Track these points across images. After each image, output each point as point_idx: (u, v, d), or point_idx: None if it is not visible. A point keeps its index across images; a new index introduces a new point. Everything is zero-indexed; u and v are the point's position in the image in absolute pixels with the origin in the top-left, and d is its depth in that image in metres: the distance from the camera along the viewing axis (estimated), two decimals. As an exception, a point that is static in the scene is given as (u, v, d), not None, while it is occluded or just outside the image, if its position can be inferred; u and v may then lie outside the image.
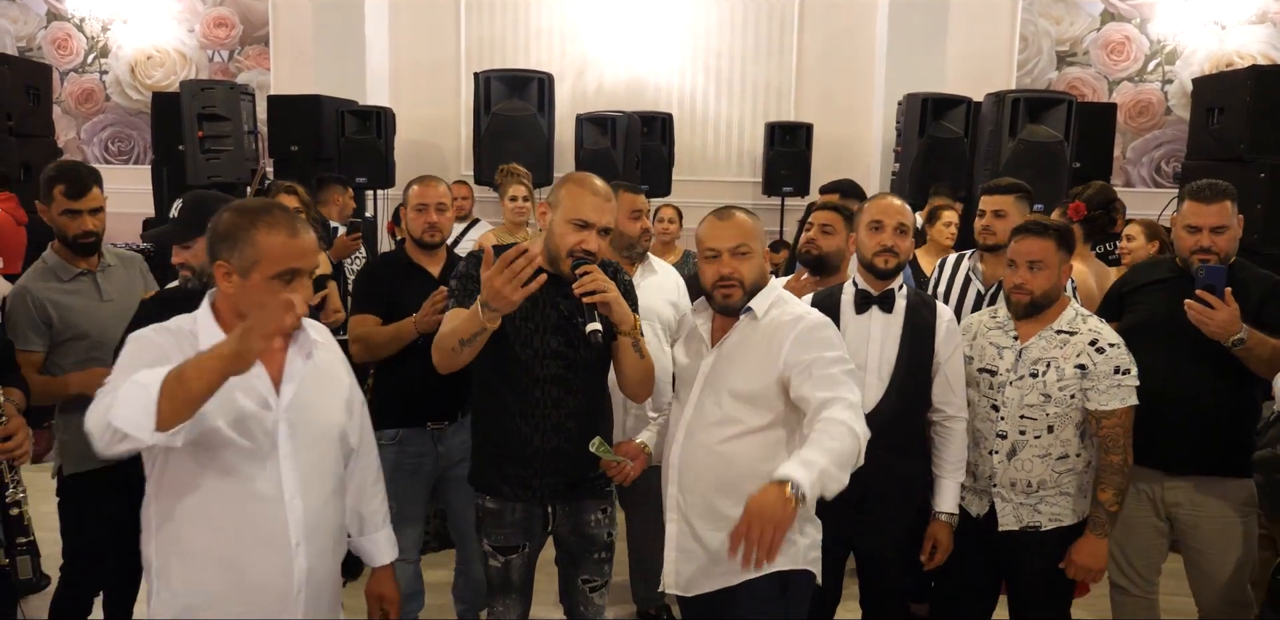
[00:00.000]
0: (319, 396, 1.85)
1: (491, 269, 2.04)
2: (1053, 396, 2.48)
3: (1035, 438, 2.51)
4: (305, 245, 1.75)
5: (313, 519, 1.80)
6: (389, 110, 6.56)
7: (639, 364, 2.32)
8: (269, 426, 1.74)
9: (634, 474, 2.34)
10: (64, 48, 7.94)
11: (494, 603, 2.46)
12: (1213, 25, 7.16)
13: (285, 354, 1.78)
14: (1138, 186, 7.22)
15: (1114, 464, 2.49)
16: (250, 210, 1.76)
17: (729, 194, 6.94)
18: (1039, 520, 2.54)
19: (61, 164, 2.84)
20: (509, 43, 7.39)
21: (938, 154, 5.79)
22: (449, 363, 2.23)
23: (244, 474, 1.72)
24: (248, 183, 5.75)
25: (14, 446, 2.17)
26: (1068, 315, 2.54)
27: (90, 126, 7.98)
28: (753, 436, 2.16)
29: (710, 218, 2.26)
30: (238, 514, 1.72)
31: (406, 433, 2.91)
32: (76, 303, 2.73)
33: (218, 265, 1.74)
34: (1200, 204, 2.64)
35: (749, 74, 7.33)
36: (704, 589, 2.23)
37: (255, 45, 7.76)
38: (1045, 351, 2.51)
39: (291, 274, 1.73)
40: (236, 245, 1.72)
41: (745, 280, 2.19)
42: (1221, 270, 2.54)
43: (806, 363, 2.07)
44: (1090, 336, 2.49)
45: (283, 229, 1.73)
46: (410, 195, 3.04)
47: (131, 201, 7.05)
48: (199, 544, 1.73)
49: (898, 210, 2.61)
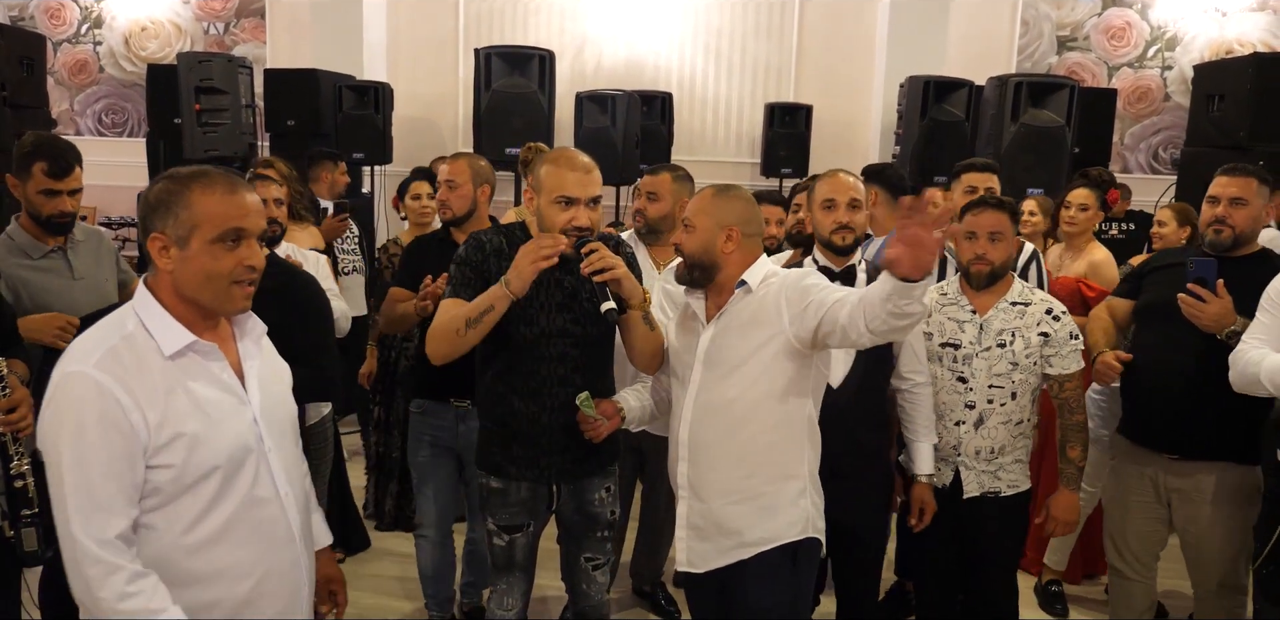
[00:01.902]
0: (275, 384, 1.78)
1: (528, 244, 2.13)
2: (1019, 364, 2.63)
3: (1001, 405, 2.65)
4: (247, 202, 1.60)
5: (301, 509, 1.76)
6: (387, 86, 6.50)
7: (650, 336, 2.33)
8: (250, 424, 1.66)
9: (605, 433, 2.33)
10: (57, 18, 7.84)
11: (497, 581, 2.47)
12: (1213, 12, 7.15)
13: (237, 341, 1.70)
14: (1135, 172, 7.23)
15: (1079, 422, 2.71)
16: (182, 175, 1.62)
17: (728, 175, 6.92)
18: (998, 486, 2.69)
19: (41, 138, 2.70)
20: (508, 19, 7.33)
21: (939, 137, 5.77)
22: (449, 349, 2.23)
23: (244, 481, 1.64)
24: (245, 157, 5.70)
25: (17, 418, 2.16)
26: (1017, 287, 2.70)
27: (84, 98, 7.90)
28: (762, 406, 2.18)
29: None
30: (247, 522, 1.64)
31: (431, 404, 2.98)
32: (48, 281, 2.66)
33: (152, 239, 1.58)
34: (1226, 176, 2.70)
35: (749, 54, 7.30)
36: (716, 564, 2.25)
37: (251, 18, 7.67)
38: (1007, 322, 2.64)
39: (236, 234, 1.58)
40: (170, 212, 1.57)
41: (685, 251, 2.24)
42: (1212, 263, 2.55)
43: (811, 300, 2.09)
44: (1044, 306, 2.66)
45: (218, 187, 1.59)
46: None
47: (125, 174, 7.00)
48: (208, 567, 1.62)
49: (850, 186, 2.66)
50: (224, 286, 1.60)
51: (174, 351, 1.58)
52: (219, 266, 1.58)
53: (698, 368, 2.24)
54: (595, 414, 2.29)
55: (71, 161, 2.66)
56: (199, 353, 1.62)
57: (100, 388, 1.51)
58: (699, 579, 2.30)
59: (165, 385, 1.56)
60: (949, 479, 2.70)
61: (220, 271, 1.58)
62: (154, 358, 1.57)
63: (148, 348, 1.57)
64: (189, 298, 1.61)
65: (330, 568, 1.96)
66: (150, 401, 1.53)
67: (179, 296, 1.61)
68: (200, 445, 1.57)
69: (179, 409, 1.56)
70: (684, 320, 2.35)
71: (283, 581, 1.71)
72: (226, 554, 1.62)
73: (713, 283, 2.24)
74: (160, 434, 1.54)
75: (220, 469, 1.59)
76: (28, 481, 2.14)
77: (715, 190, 2.27)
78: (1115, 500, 2.89)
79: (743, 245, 2.22)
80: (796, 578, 2.22)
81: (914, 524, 2.69)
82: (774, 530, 2.20)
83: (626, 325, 2.31)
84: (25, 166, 2.63)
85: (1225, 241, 2.69)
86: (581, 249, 2.20)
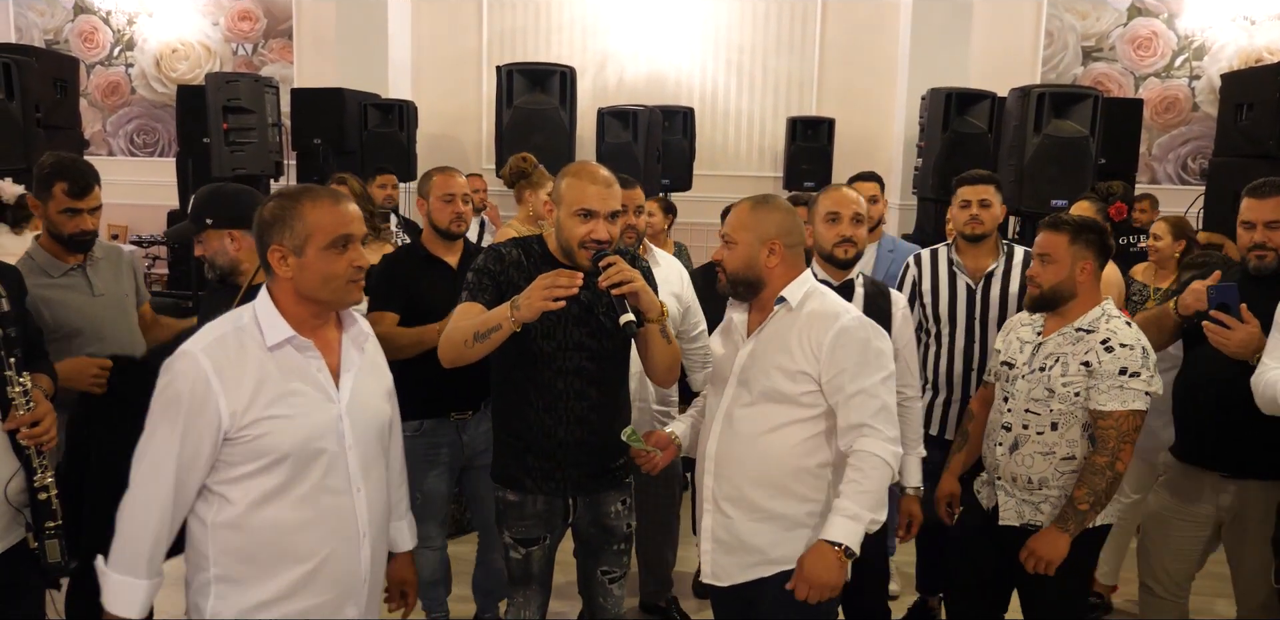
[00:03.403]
0: (371, 388, 1.91)
1: (550, 274, 2.09)
2: (1056, 392, 2.45)
3: (1038, 433, 2.49)
4: (350, 212, 1.80)
5: (375, 508, 1.87)
6: (411, 103, 6.58)
7: (666, 349, 2.32)
8: (333, 420, 1.80)
9: (662, 464, 2.34)
10: (90, 41, 8.01)
11: (514, 594, 2.47)
12: (1242, 20, 7.08)
13: (341, 346, 1.86)
14: (1163, 183, 7.15)
15: (1096, 465, 2.41)
16: (291, 192, 1.81)
17: (750, 188, 6.89)
18: (1041, 520, 2.50)
19: (61, 159, 2.72)
20: (530, 36, 7.40)
21: (961, 149, 5.75)
22: (456, 357, 2.23)
23: (316, 471, 1.77)
24: (271, 175, 5.78)
25: (41, 432, 2.18)
26: (1093, 314, 2.50)
27: (116, 119, 8.05)
28: (790, 428, 2.16)
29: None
30: (312, 510, 1.78)
31: (430, 423, 2.92)
32: (69, 299, 2.69)
33: (272, 251, 1.77)
34: (1254, 199, 2.59)
35: (770, 68, 7.31)
36: (738, 579, 2.23)
37: (279, 39, 7.80)
38: (1059, 347, 2.49)
39: (345, 240, 1.77)
40: (286, 225, 1.76)
41: (726, 268, 2.22)
42: (1233, 288, 2.47)
43: (840, 385, 2.08)
44: (1104, 335, 2.44)
45: (325, 199, 1.79)
46: (434, 185, 3.03)
47: (157, 193, 7.13)
48: (272, 547, 1.77)
49: (853, 201, 2.66)
50: (341, 285, 1.79)
51: (274, 343, 1.76)
52: (334, 269, 1.77)
53: (732, 382, 2.23)
54: (647, 447, 2.29)
55: (91, 181, 2.70)
56: (298, 348, 1.79)
57: (198, 368, 1.71)
58: (724, 592, 2.28)
59: (259, 374, 1.74)
60: (994, 503, 2.60)
61: (336, 273, 1.78)
62: (256, 348, 1.76)
63: (253, 339, 1.77)
64: (309, 298, 1.79)
65: (406, 571, 2.13)
66: (239, 389, 1.72)
67: (296, 299, 1.79)
68: (276, 432, 1.73)
69: (265, 397, 1.74)
70: (726, 331, 2.35)
71: (341, 571, 1.82)
72: (291, 535, 1.77)
73: (757, 297, 2.22)
74: (242, 418, 1.72)
75: (292, 457, 1.74)
76: (51, 494, 2.16)
77: (753, 203, 2.23)
78: (1156, 519, 2.79)
79: (786, 258, 2.19)
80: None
81: (901, 536, 2.68)
82: (797, 550, 2.17)
83: (644, 338, 2.30)
84: (46, 187, 2.66)
85: (1270, 266, 2.58)
86: (599, 262, 2.20)
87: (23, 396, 2.18)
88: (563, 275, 2.10)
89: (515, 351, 2.28)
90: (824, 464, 2.19)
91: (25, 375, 2.20)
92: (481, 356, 2.22)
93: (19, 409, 2.16)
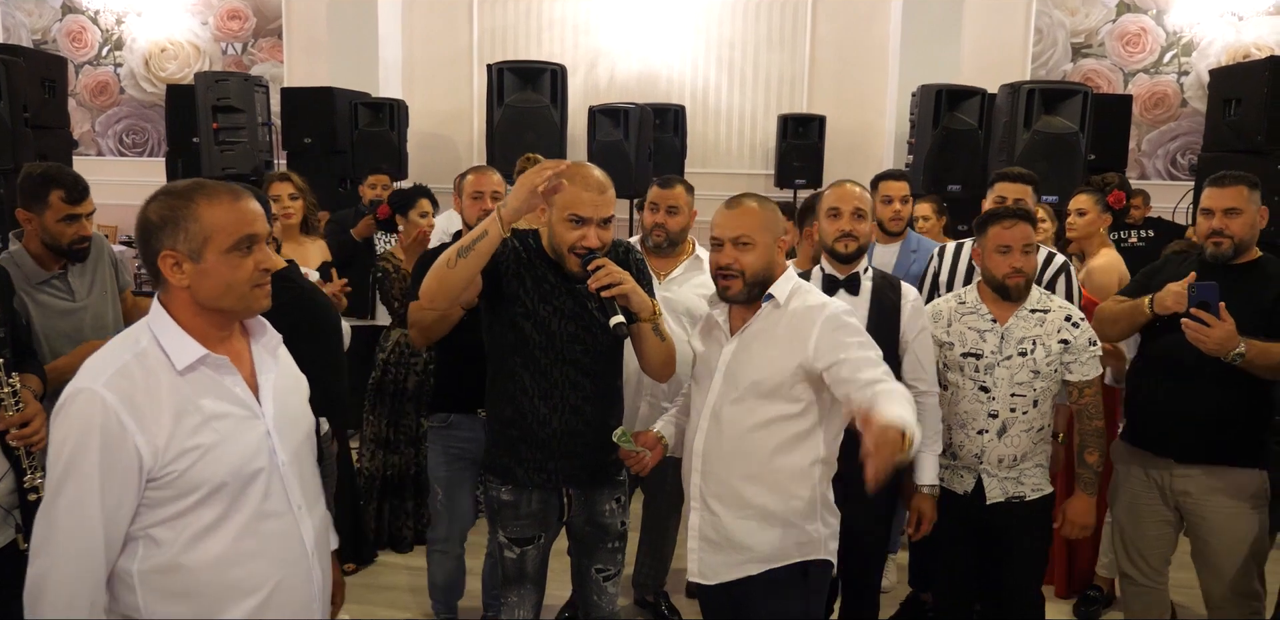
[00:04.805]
0: (292, 397, 1.76)
1: (530, 171, 2.11)
2: (1041, 372, 2.62)
3: (1024, 413, 2.64)
4: (252, 208, 1.60)
5: (318, 523, 1.74)
6: (402, 102, 6.56)
7: (660, 346, 2.33)
8: (262, 437, 1.63)
9: (651, 464, 2.35)
10: (78, 40, 7.97)
11: (508, 593, 2.47)
12: (1229, 16, 7.10)
13: (253, 355, 1.69)
14: (1153, 179, 7.17)
15: (1098, 428, 2.70)
16: (181, 190, 1.60)
17: (741, 186, 6.85)
18: (1023, 491, 2.68)
19: (49, 167, 2.68)
20: (521, 34, 7.39)
21: (952, 145, 5.76)
22: (439, 283, 2.17)
23: (254, 496, 1.61)
24: (261, 175, 5.76)
25: (30, 432, 2.18)
26: (1035, 295, 2.69)
27: (105, 119, 8.02)
28: (778, 424, 2.16)
29: (721, 206, 2.26)
30: (253, 539, 1.61)
31: (457, 417, 2.97)
32: (51, 305, 2.67)
33: (162, 257, 1.56)
34: (1215, 188, 2.68)
35: (762, 65, 7.31)
36: (725, 578, 2.23)
37: (268, 38, 7.77)
38: (1027, 330, 2.64)
39: (249, 241, 1.58)
40: (179, 227, 1.55)
41: (746, 271, 2.18)
42: (1213, 286, 2.52)
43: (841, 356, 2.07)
44: (1064, 312, 2.65)
45: (223, 196, 1.58)
46: (466, 183, 3.17)
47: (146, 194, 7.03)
48: (213, 585, 1.59)
49: (855, 196, 2.70)
50: (245, 291, 1.60)
51: (185, 366, 1.56)
52: (238, 274, 1.58)
53: (718, 379, 2.23)
54: (636, 447, 2.30)
55: (85, 185, 2.68)
56: (211, 367, 1.60)
57: (106, 407, 1.49)
58: (712, 590, 2.28)
59: (174, 403, 1.54)
60: (970, 486, 2.68)
61: (240, 279, 1.59)
62: (165, 374, 1.55)
63: (159, 364, 1.56)
64: (211, 307, 1.60)
65: (334, 571, 1.94)
66: (156, 422, 1.52)
67: (196, 309, 1.60)
68: (206, 462, 1.55)
69: (187, 426, 1.54)
70: (708, 329, 2.34)
71: (293, 596, 1.67)
72: (235, 568, 1.59)
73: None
74: (165, 454, 1.52)
75: (227, 485, 1.57)
76: (41, 495, 2.15)
77: (759, 202, 2.24)
78: (1123, 506, 2.86)
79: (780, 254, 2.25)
80: (806, 597, 2.20)
81: (911, 533, 2.70)
82: (784, 548, 2.18)
83: (637, 337, 2.31)
84: (40, 196, 2.59)
85: (1226, 253, 2.67)
86: (588, 266, 2.20)
87: (12, 397, 2.18)
88: (545, 166, 2.12)
89: (512, 339, 2.30)
90: (812, 461, 2.19)
91: (14, 376, 2.20)
92: (465, 280, 2.17)
93: (8, 410, 2.16)
